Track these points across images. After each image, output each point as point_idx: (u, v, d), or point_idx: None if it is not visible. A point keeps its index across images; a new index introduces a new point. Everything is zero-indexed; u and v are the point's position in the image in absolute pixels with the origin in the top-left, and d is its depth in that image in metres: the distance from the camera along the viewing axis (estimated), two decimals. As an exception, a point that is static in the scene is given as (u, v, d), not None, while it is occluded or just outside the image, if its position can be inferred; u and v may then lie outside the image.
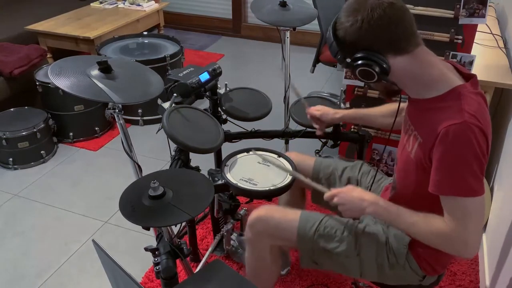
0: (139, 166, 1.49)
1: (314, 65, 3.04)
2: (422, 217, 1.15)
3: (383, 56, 1.10)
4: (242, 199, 1.84)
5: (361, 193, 1.24)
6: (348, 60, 1.13)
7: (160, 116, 1.50)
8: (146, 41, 3.36)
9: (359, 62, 1.11)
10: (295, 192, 1.71)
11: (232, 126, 1.89)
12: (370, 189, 1.52)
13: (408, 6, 1.12)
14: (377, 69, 1.10)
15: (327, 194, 1.31)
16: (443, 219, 1.11)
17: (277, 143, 2.05)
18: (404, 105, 1.33)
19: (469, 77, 1.15)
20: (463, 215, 1.08)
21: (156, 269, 1.19)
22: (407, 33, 1.09)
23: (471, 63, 1.96)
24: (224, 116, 1.90)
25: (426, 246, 1.25)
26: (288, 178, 1.53)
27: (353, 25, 1.08)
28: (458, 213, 1.08)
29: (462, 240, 1.09)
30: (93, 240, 1.02)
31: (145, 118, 3.13)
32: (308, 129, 1.86)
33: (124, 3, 3.96)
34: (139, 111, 3.10)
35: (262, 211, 1.44)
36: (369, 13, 1.07)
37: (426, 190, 1.13)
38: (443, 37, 1.95)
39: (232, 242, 1.97)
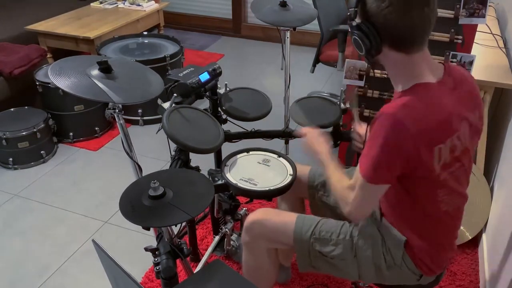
0: (139, 166, 1.49)
1: (314, 65, 3.04)
2: (339, 175, 1.30)
3: (380, 41, 1.11)
4: (242, 199, 1.84)
5: (319, 145, 1.42)
6: (354, 22, 1.14)
7: (160, 116, 1.50)
8: (146, 41, 3.36)
9: (358, 31, 1.13)
10: (294, 202, 1.71)
11: (232, 126, 1.89)
12: None
13: None
14: (367, 48, 1.13)
15: (300, 131, 1.53)
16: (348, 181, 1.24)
17: (277, 143, 2.05)
18: None
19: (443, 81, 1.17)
20: (354, 186, 1.18)
21: (156, 269, 1.19)
22: (415, 36, 1.10)
23: (471, 63, 1.96)
24: (224, 116, 1.90)
25: (421, 246, 1.27)
26: (288, 179, 1.53)
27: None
28: (354, 184, 1.19)
29: (345, 201, 1.23)
30: (93, 240, 1.02)
31: (145, 118, 3.13)
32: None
33: (124, 3, 3.96)
34: (139, 111, 3.10)
35: (258, 214, 1.44)
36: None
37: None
38: (443, 37, 1.95)
39: (232, 242, 1.97)
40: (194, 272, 1.84)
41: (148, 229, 1.25)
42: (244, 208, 1.94)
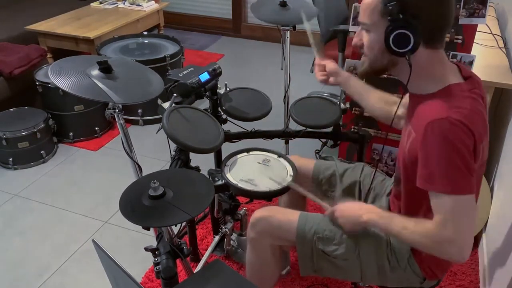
0: (139, 166, 1.49)
1: (314, 65, 3.03)
2: (413, 220, 1.14)
3: (421, 35, 1.09)
4: (242, 199, 1.84)
5: (359, 204, 1.33)
6: (401, 15, 1.07)
7: (160, 116, 1.50)
8: (146, 41, 3.36)
9: (407, 24, 1.07)
10: (297, 198, 1.71)
11: (232, 126, 1.89)
12: (369, 189, 1.52)
13: None
14: (416, 41, 1.08)
15: (328, 211, 1.36)
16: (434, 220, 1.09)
17: (277, 143, 2.05)
18: (404, 101, 1.32)
19: (468, 78, 1.16)
20: (449, 214, 1.05)
21: (156, 269, 1.19)
22: (445, 28, 1.12)
23: (471, 63, 1.96)
24: (224, 116, 1.90)
25: None
26: (288, 179, 1.53)
27: None
28: (443, 212, 1.06)
29: (448, 240, 1.06)
30: (93, 240, 1.02)
31: (145, 118, 3.13)
32: (308, 129, 1.86)
33: (124, 3, 3.96)
34: (139, 111, 3.10)
35: (264, 211, 1.44)
36: None
37: None
38: (443, 37, 1.95)
39: (232, 242, 1.97)
40: (194, 272, 1.84)
41: (148, 229, 1.25)
42: (244, 208, 1.94)
